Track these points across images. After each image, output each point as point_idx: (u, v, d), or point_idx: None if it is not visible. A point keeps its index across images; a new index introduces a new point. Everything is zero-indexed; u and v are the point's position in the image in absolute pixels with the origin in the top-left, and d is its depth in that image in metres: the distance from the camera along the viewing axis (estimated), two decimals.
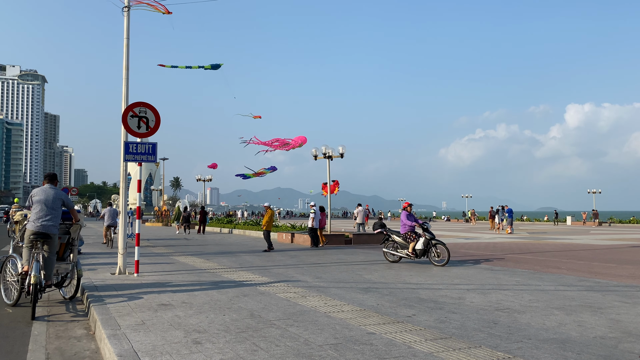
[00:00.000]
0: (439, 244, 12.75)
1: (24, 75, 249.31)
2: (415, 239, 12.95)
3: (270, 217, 17.77)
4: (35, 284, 6.88)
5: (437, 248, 12.71)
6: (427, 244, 12.76)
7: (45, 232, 7.36)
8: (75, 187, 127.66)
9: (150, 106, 10.67)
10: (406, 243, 13.07)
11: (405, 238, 13.14)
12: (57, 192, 7.69)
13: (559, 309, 7.11)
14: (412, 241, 12.95)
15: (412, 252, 12.80)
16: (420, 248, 12.75)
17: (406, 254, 12.93)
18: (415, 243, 12.84)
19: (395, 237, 13.35)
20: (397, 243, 13.29)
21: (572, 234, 31.26)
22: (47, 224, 7.38)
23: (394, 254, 13.27)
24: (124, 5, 11.38)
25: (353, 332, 5.64)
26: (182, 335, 5.43)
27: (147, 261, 12.93)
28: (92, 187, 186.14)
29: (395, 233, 13.48)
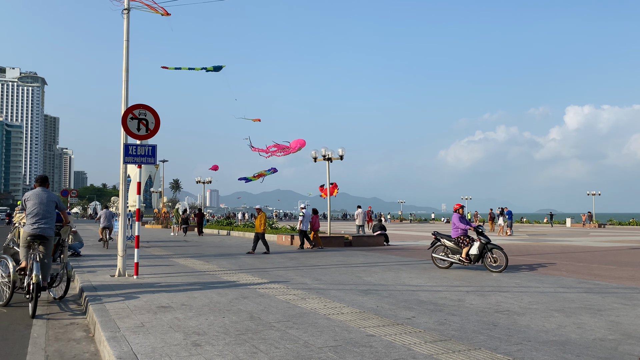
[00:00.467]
0: (496, 248, 11.96)
1: (24, 77, 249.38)
2: (469, 243, 12.15)
3: (263, 219, 17.67)
4: (37, 283, 7.07)
5: (493, 253, 11.91)
6: (482, 248, 11.97)
7: (43, 235, 7.56)
8: (75, 189, 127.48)
9: (149, 108, 10.68)
10: (458, 248, 12.22)
11: (457, 242, 12.29)
12: (50, 194, 7.86)
13: (558, 311, 7.11)
14: (465, 246, 12.13)
15: (466, 257, 12.00)
16: (475, 253, 11.96)
17: (458, 259, 12.14)
18: (469, 248, 12.05)
19: (446, 242, 12.48)
20: (448, 248, 12.41)
21: (571, 236, 31.26)
22: (44, 226, 7.58)
23: (444, 259, 12.43)
24: (124, 8, 11.39)
25: (353, 334, 5.64)
26: (182, 338, 5.43)
27: (147, 263, 12.93)
28: (91, 189, 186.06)
29: (445, 237, 12.63)
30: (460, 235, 12.34)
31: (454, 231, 12.49)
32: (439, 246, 12.70)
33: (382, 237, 21.80)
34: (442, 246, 12.63)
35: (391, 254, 16.67)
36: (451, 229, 12.67)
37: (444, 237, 12.68)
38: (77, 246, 15.32)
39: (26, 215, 7.67)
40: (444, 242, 12.54)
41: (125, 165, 10.82)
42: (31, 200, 7.65)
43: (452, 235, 12.49)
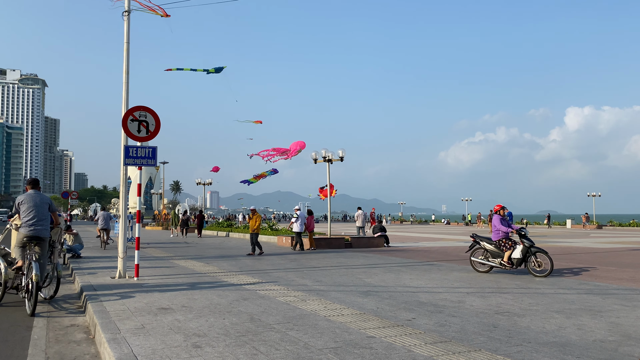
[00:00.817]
0: (540, 252, 11.41)
1: (24, 79, 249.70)
2: (512, 246, 11.61)
3: (259, 221, 17.62)
4: (37, 282, 7.26)
5: (537, 257, 11.38)
6: (525, 252, 11.44)
7: (39, 236, 7.81)
8: (75, 191, 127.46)
9: (150, 110, 10.69)
10: (499, 251, 11.68)
11: (498, 245, 11.74)
12: (42, 197, 8.10)
13: (558, 313, 7.12)
14: (507, 249, 11.58)
15: (508, 261, 11.48)
16: (517, 257, 11.42)
17: (500, 263, 11.61)
18: (511, 251, 11.51)
19: (486, 245, 11.93)
20: (489, 251, 11.85)
21: (572, 237, 31.25)
22: (40, 228, 7.82)
23: (484, 263, 11.86)
24: (124, 10, 11.41)
25: (353, 335, 5.64)
26: (182, 339, 5.43)
27: (147, 265, 12.93)
28: (92, 191, 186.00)
29: (485, 240, 12.07)
30: (501, 238, 11.79)
31: (494, 234, 11.94)
32: (478, 249, 12.18)
33: (382, 238, 21.80)
34: (481, 249, 12.11)
35: (392, 256, 16.67)
36: (492, 231, 12.09)
37: (483, 239, 12.15)
38: (77, 248, 15.33)
39: (21, 218, 7.84)
40: (484, 245, 12.00)
41: (126, 167, 10.83)
42: (25, 204, 7.85)
43: (493, 238, 11.94)
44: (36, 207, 7.85)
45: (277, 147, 24.26)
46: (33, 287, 7.28)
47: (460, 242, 25.69)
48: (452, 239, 29.02)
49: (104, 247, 19.47)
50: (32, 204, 7.86)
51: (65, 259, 14.64)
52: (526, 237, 11.61)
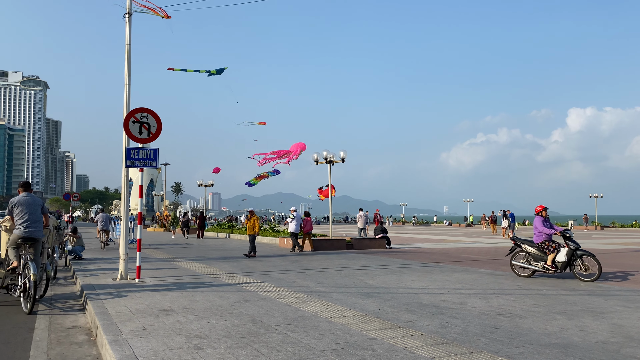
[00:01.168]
0: (587, 255, 10.83)
1: (26, 81, 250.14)
2: (555, 249, 11.03)
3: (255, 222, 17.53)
4: (35, 281, 7.48)
5: (583, 260, 10.79)
6: (570, 255, 10.86)
7: (34, 237, 8.11)
8: (77, 192, 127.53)
9: (151, 112, 10.70)
10: (542, 254, 11.13)
11: (541, 248, 11.18)
12: (35, 199, 8.39)
13: (560, 314, 7.10)
14: (551, 252, 11.04)
15: (552, 265, 10.93)
16: (562, 260, 10.87)
17: (543, 266, 11.05)
18: (555, 254, 10.96)
19: (528, 247, 11.39)
20: (531, 254, 11.32)
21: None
22: (34, 229, 8.12)
23: (525, 267, 11.32)
24: (126, 12, 11.43)
25: (354, 337, 5.63)
26: (184, 341, 5.43)
27: (149, 267, 12.94)
28: (93, 192, 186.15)
29: (527, 242, 11.52)
30: (544, 241, 11.21)
31: (536, 236, 11.38)
32: (519, 252, 11.66)
33: (384, 239, 21.78)
34: (522, 252, 11.57)
35: (393, 257, 16.66)
36: (534, 233, 11.55)
37: (525, 242, 11.58)
38: (78, 249, 15.35)
39: (15, 220, 8.08)
40: (526, 248, 11.46)
41: (127, 168, 10.85)
42: (19, 206, 8.10)
43: (535, 241, 11.37)
44: (29, 209, 8.11)
45: (278, 150, 24.23)
46: (31, 286, 7.49)
47: (462, 243, 25.67)
48: (454, 240, 28.99)
49: (103, 247, 19.97)
50: (25, 206, 8.11)
51: (67, 261, 14.66)
52: (571, 239, 11.10)
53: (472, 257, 16.83)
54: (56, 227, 12.75)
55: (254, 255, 16.52)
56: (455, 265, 14.10)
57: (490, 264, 14.56)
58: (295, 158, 23.26)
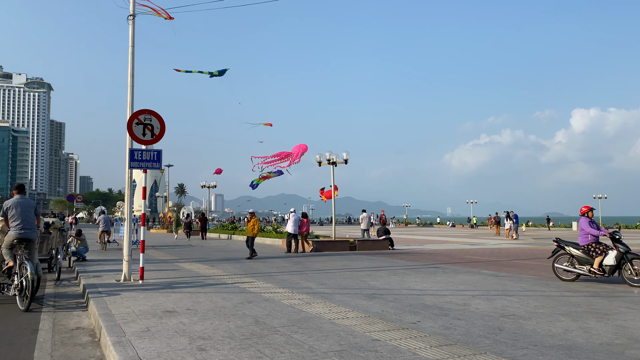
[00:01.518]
0: (638, 258, 10.15)
1: (30, 83, 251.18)
2: (603, 252, 10.43)
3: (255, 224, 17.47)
4: (32, 280, 7.78)
5: (633, 264, 10.12)
6: (620, 258, 10.20)
7: (29, 238, 8.47)
8: (81, 194, 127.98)
9: (155, 113, 10.73)
10: (588, 257, 10.55)
11: (587, 251, 10.62)
12: (28, 201, 8.74)
13: (564, 315, 7.08)
14: (598, 255, 10.44)
15: (599, 268, 10.35)
16: (610, 264, 10.24)
17: (589, 270, 10.46)
18: (603, 257, 10.36)
19: (573, 250, 10.85)
20: (575, 257, 10.77)
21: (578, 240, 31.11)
22: (29, 230, 8.47)
23: (570, 270, 10.79)
24: (129, 14, 11.47)
25: (358, 338, 5.63)
26: (187, 342, 5.44)
27: (152, 268, 12.96)
28: (97, 194, 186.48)
29: (572, 244, 10.99)
30: (591, 243, 10.67)
31: (582, 238, 10.85)
32: (563, 255, 11.12)
33: (387, 241, 21.76)
34: (566, 255, 11.05)
35: (396, 258, 16.64)
36: (579, 234, 11.09)
37: (569, 244, 11.06)
38: (82, 251, 15.39)
39: (10, 222, 8.41)
40: (570, 250, 10.92)
41: (131, 170, 10.87)
42: (13, 209, 8.43)
43: (580, 243, 10.84)
44: (23, 211, 8.45)
45: (279, 152, 24.22)
46: (28, 285, 7.78)
47: (465, 244, 25.63)
48: (457, 241, 28.95)
49: (104, 248, 20.42)
50: (19, 208, 8.44)
51: (71, 262, 14.69)
52: (620, 241, 10.43)
53: (476, 259, 16.80)
54: (60, 229, 12.81)
55: (255, 256, 16.55)
56: (458, 266, 14.08)
57: (494, 265, 14.53)
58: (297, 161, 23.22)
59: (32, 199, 10.88)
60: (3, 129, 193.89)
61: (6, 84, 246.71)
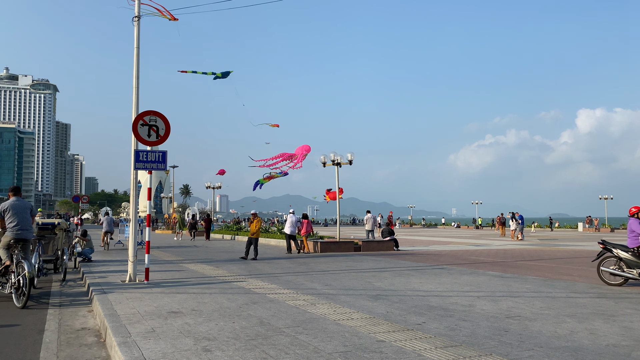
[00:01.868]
0: None
1: (36, 84, 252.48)
2: None
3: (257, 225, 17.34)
4: (30, 278, 8.21)
5: None
6: None
7: (25, 238, 8.82)
8: (86, 195, 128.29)
9: (160, 115, 10.76)
10: (638, 261, 10.09)
11: (637, 254, 10.15)
12: (24, 203, 9.06)
13: (570, 317, 7.05)
14: None
15: None
16: None
17: (639, 274, 10.02)
18: None
19: (621, 252, 10.31)
20: (624, 260, 10.23)
21: (583, 241, 30.99)
22: (25, 231, 8.81)
23: (617, 274, 10.25)
24: (134, 15, 11.51)
25: (363, 340, 5.62)
26: (192, 343, 5.45)
27: (157, 268, 12.99)
28: (102, 195, 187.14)
29: (620, 247, 10.47)
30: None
31: (631, 239, 10.42)
32: (609, 258, 10.64)
33: (391, 242, 21.73)
34: (613, 258, 10.53)
35: (401, 259, 16.61)
36: (628, 236, 10.67)
37: (617, 247, 10.54)
38: (88, 252, 15.44)
39: (7, 223, 8.73)
40: (618, 252, 10.38)
41: (136, 171, 10.91)
42: (9, 211, 8.75)
43: (630, 245, 10.39)
44: (19, 212, 8.79)
45: (281, 153, 24.22)
46: (25, 283, 8.17)
47: (470, 245, 25.57)
48: (462, 242, 28.88)
49: (107, 248, 21.02)
50: (15, 210, 8.78)
51: (76, 263, 14.75)
52: None
53: (481, 260, 16.76)
54: (65, 230, 12.86)
55: (245, 258, 16.39)
56: (463, 267, 14.05)
57: (499, 266, 14.48)
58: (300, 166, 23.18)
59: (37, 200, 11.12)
60: (9, 130, 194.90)
61: (12, 86, 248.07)
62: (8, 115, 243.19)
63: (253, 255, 16.71)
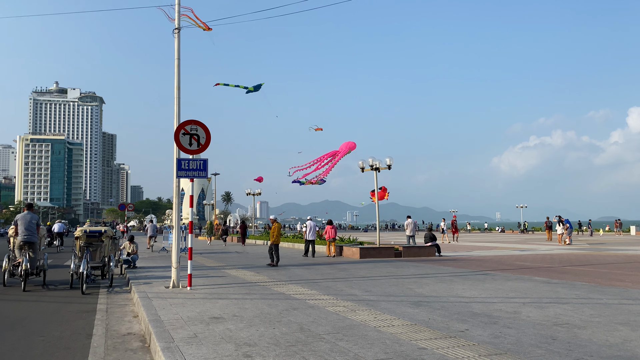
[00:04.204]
0: None
1: (84, 97, 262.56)
2: None
3: (277, 230, 17.16)
4: (26, 269, 11.25)
5: None
6: None
7: (31, 241, 11.63)
8: (132, 203, 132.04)
9: (200, 124, 10.96)
10: None
11: None
12: (32, 216, 11.94)
13: (623, 324, 6.74)
14: None
15: None
16: None
17: None
18: None
19: None
20: None
21: (636, 245, 29.67)
22: (30, 236, 11.65)
23: None
24: (175, 27, 11.81)
25: (404, 347, 5.54)
26: (233, 349, 5.50)
27: (199, 274, 13.20)
28: (147, 202, 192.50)
29: None
30: None
31: None
32: None
33: (433, 247, 21.40)
34: None
35: (443, 265, 16.33)
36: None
37: None
38: (134, 258, 15.86)
39: (18, 230, 11.61)
40: None
41: (178, 179, 11.14)
42: (20, 220, 11.73)
43: None
44: (27, 223, 11.68)
45: (320, 156, 24.27)
46: (24, 273, 11.24)
47: (515, 250, 24.89)
48: (507, 247, 28.15)
49: (152, 249, 25.03)
50: (24, 220, 11.69)
51: (122, 269, 15.17)
52: None
53: (527, 265, 16.28)
54: (112, 237, 13.24)
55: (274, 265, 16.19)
56: (508, 273, 13.68)
57: (546, 271, 14.03)
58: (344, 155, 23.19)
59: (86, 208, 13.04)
60: (59, 141, 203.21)
61: (62, 99, 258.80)
62: (58, 127, 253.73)
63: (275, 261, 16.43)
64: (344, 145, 23.71)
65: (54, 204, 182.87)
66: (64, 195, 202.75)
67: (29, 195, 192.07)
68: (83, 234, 12.48)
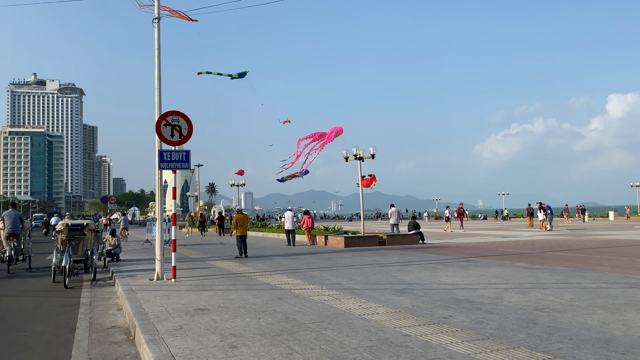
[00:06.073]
0: None
1: (63, 88, 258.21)
2: None
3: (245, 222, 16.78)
4: (9, 256, 13.80)
5: None
6: None
7: (15, 233, 14.09)
8: (114, 195, 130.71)
9: (182, 114, 10.87)
10: None
11: None
12: (16, 212, 14.35)
13: (601, 308, 6.89)
14: None
15: None
16: None
17: None
18: None
19: None
20: None
21: (614, 230, 30.26)
22: (15, 229, 14.09)
23: None
24: (154, 17, 11.64)
25: (388, 334, 5.60)
26: (219, 340, 5.50)
27: (184, 266, 13.16)
28: (130, 195, 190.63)
29: None
30: None
31: None
32: None
33: (417, 235, 21.59)
34: None
35: (427, 253, 16.49)
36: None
37: None
38: (117, 252, 15.74)
39: (5, 224, 14.02)
40: None
41: (161, 171, 11.04)
42: (6, 216, 14.14)
43: None
44: (12, 218, 14.12)
45: (313, 133, 24.04)
46: (6, 259, 13.84)
47: (497, 237, 25.23)
48: (489, 234, 28.51)
49: (126, 241, 26.92)
50: (9, 216, 14.13)
51: (106, 262, 15.05)
52: None
53: (508, 251, 16.52)
54: (94, 230, 13.11)
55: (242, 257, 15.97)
56: (490, 259, 13.87)
57: (527, 257, 14.26)
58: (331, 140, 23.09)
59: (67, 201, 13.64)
60: (39, 134, 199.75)
61: (41, 91, 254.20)
62: (37, 119, 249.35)
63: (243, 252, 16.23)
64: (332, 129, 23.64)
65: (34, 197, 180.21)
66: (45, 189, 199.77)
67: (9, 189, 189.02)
68: (65, 228, 12.33)
